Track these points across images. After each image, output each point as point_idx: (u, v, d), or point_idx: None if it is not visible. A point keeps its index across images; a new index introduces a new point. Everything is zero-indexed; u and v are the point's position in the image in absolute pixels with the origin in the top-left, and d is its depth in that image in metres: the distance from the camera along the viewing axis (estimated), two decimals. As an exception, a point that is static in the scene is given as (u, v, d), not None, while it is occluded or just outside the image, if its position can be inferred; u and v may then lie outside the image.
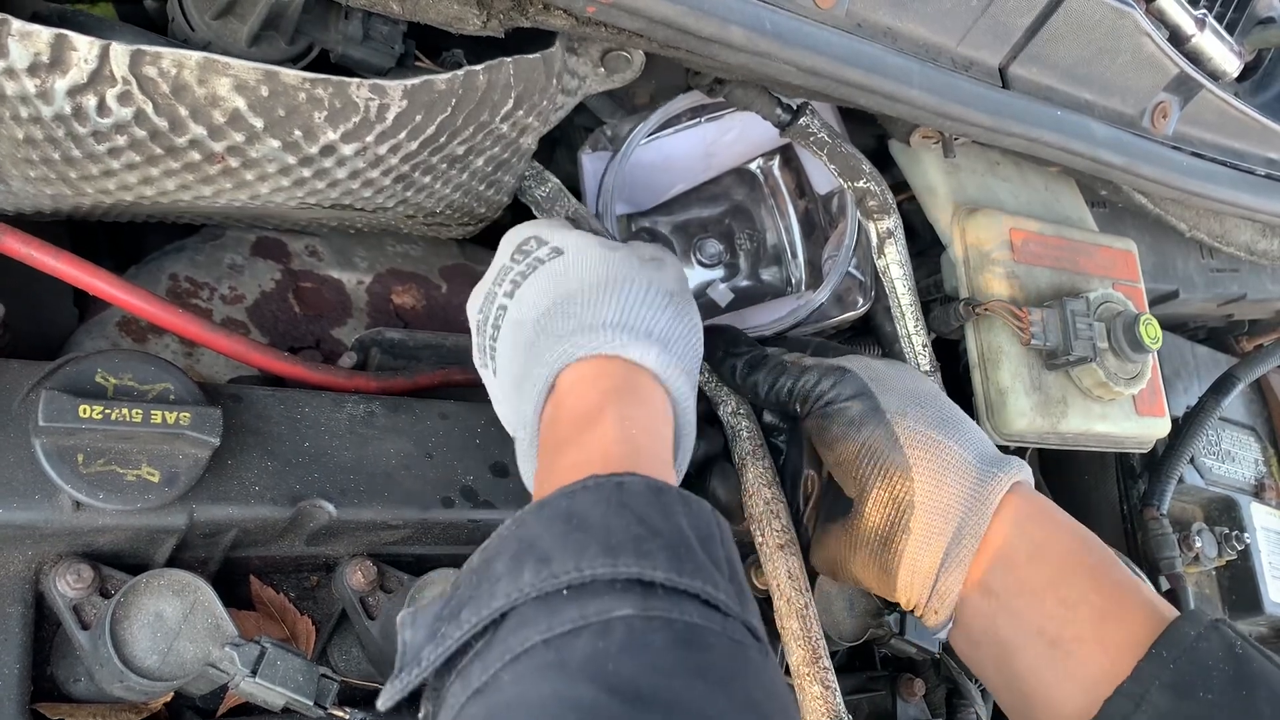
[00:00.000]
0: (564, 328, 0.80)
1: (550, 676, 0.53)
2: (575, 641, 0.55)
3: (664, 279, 0.86)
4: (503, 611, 0.58)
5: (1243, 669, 0.74)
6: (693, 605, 0.58)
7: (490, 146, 0.92)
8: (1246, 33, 1.19)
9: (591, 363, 0.78)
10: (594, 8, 0.77)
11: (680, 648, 0.55)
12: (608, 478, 0.64)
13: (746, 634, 0.60)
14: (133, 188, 0.83)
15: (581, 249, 0.86)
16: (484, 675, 0.56)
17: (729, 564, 0.64)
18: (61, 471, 0.72)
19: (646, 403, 0.77)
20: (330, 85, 0.77)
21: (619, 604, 0.56)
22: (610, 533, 0.60)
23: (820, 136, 1.02)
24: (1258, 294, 1.53)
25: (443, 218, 1.02)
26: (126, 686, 0.75)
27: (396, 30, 0.87)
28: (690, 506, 0.65)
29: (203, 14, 0.80)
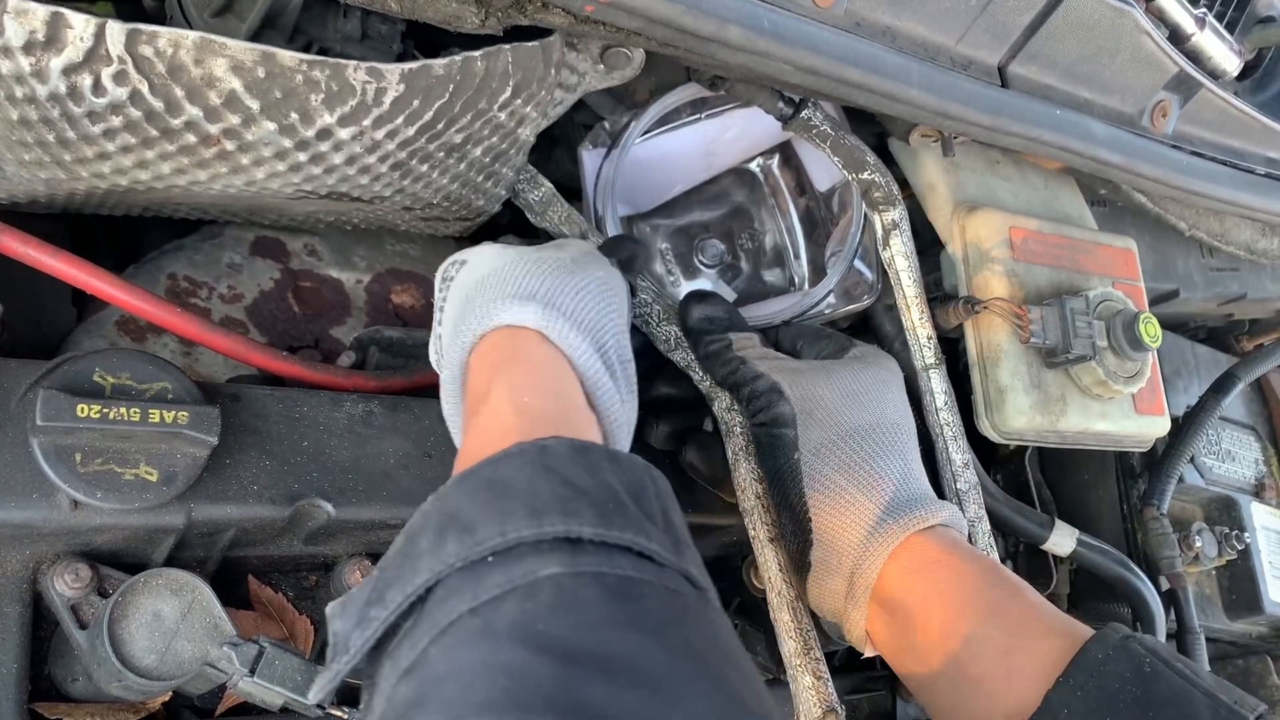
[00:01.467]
0: (464, 323, 0.81)
1: (478, 644, 0.52)
2: (502, 606, 0.53)
3: (557, 256, 0.86)
4: (428, 586, 0.57)
5: (1150, 688, 0.75)
6: (624, 558, 0.57)
7: (488, 136, 0.92)
8: (1246, 32, 1.19)
9: (484, 344, 0.79)
10: (592, 6, 0.77)
11: (611, 600, 0.54)
12: (532, 443, 0.62)
13: (684, 583, 0.59)
14: (127, 171, 0.82)
15: (480, 253, 0.89)
16: (412, 653, 0.54)
17: (664, 516, 0.62)
18: (59, 470, 0.72)
19: (535, 366, 0.76)
20: (327, 67, 0.77)
21: (545, 564, 0.55)
22: (535, 495, 0.58)
23: (823, 129, 1.02)
24: (1258, 293, 1.53)
25: (440, 210, 1.02)
26: (124, 686, 0.75)
27: (395, 29, 0.87)
28: (619, 463, 0.63)
29: (201, 12, 0.80)
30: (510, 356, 0.77)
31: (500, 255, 0.87)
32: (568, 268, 0.85)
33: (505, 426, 0.70)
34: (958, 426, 1.08)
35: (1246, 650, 1.56)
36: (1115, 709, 0.74)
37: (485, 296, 0.81)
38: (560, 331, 0.78)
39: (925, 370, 1.07)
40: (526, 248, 0.90)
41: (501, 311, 0.78)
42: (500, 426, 0.70)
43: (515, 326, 0.78)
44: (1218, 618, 1.43)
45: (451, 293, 0.89)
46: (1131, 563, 1.27)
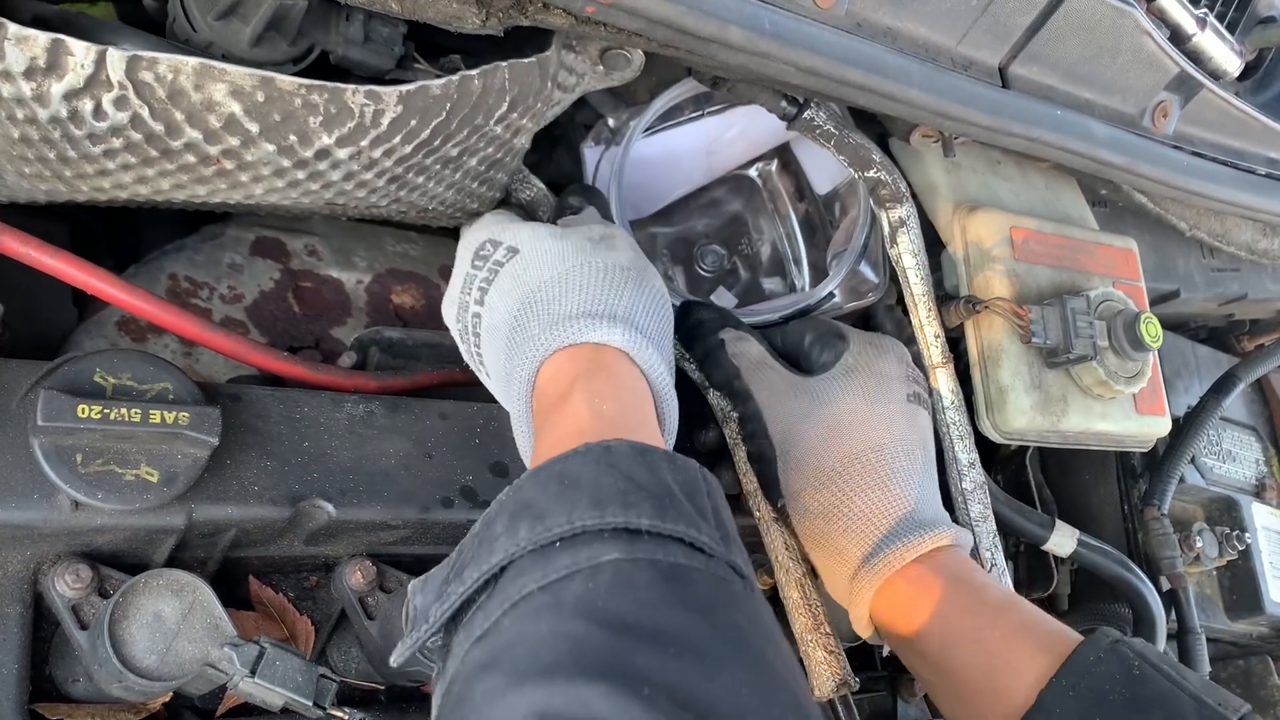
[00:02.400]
0: (534, 327, 0.83)
1: (546, 616, 0.57)
2: (568, 585, 0.59)
3: (617, 257, 0.88)
4: (502, 565, 0.62)
5: (1139, 691, 0.78)
6: (676, 547, 0.62)
7: (484, 147, 0.93)
8: (1247, 32, 1.19)
9: (562, 354, 0.81)
10: (593, 7, 0.77)
11: (664, 583, 0.59)
12: (597, 443, 0.68)
13: (730, 572, 0.63)
14: (127, 186, 0.83)
15: (534, 244, 0.88)
16: (486, 623, 0.60)
17: (715, 513, 0.67)
18: (60, 471, 0.72)
19: (615, 378, 0.79)
20: (326, 91, 0.78)
21: (607, 550, 0.60)
22: (599, 489, 0.64)
23: (827, 128, 1.01)
24: (1259, 293, 1.53)
25: (434, 213, 1.02)
26: (125, 686, 0.75)
27: (396, 33, 0.87)
28: (676, 464, 0.68)
29: (205, 15, 0.80)
30: (591, 369, 0.79)
31: (559, 255, 0.87)
32: (635, 279, 0.86)
33: (581, 429, 0.74)
34: (964, 426, 1.08)
35: (1247, 650, 1.56)
36: (1105, 709, 0.78)
37: (562, 308, 0.83)
38: (645, 355, 0.81)
39: (932, 369, 1.07)
40: (576, 234, 0.90)
41: (588, 330, 0.80)
42: (576, 429, 0.74)
43: (599, 344, 0.81)
44: (1218, 618, 1.43)
45: (503, 283, 0.88)
46: (1132, 563, 1.27)
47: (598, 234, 0.91)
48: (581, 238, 0.89)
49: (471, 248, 0.92)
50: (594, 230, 0.92)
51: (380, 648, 0.86)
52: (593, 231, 0.91)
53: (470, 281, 0.90)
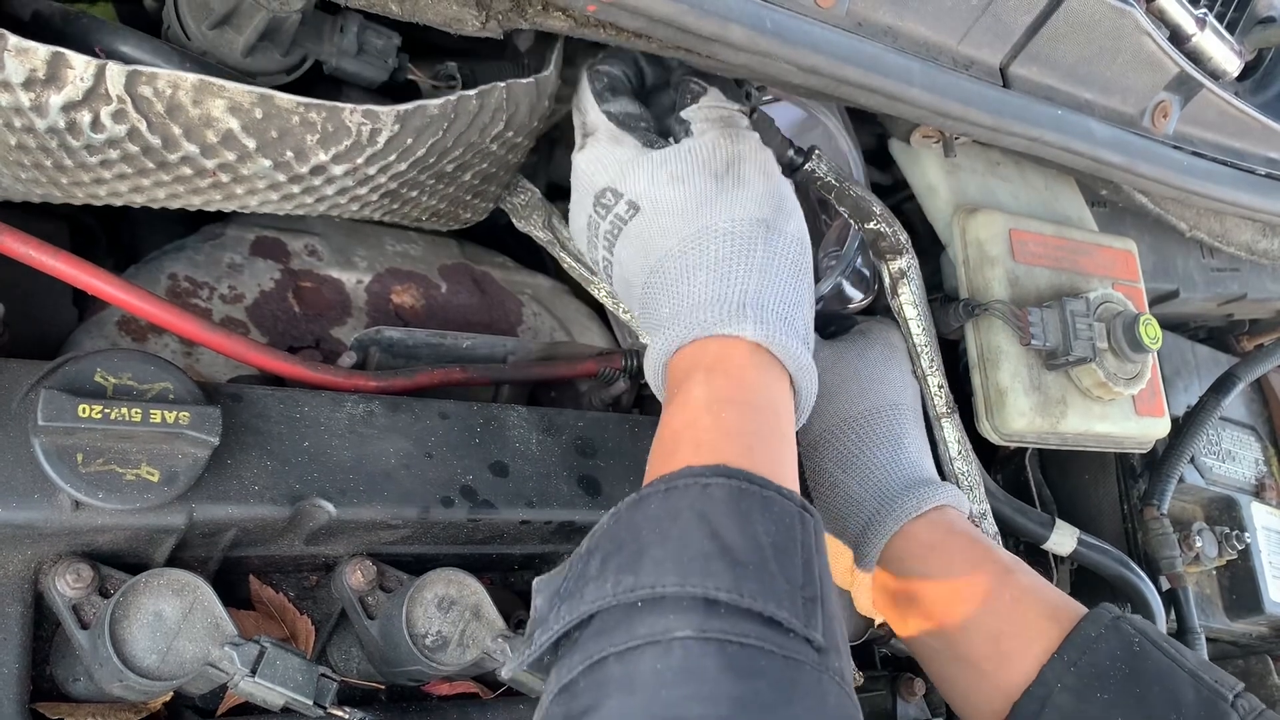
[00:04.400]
0: (665, 308, 0.82)
1: (615, 694, 0.60)
2: (642, 659, 0.61)
3: (746, 203, 0.83)
4: (589, 615, 0.64)
5: (1139, 666, 0.80)
6: (751, 624, 0.62)
7: (479, 163, 0.93)
8: (1247, 32, 1.19)
9: (690, 348, 0.79)
10: (594, 7, 0.77)
11: (728, 675, 0.59)
12: (696, 477, 0.68)
13: (807, 649, 0.63)
14: (122, 194, 0.83)
15: (655, 201, 0.85)
16: (569, 674, 0.63)
17: (804, 567, 0.66)
18: (61, 471, 0.72)
19: (740, 379, 0.78)
20: (324, 110, 0.78)
21: (681, 623, 0.61)
22: (685, 547, 0.64)
23: (828, 180, 1.02)
24: (1258, 293, 1.53)
25: (428, 222, 1.03)
26: (126, 686, 0.75)
27: (390, 44, 0.87)
28: (771, 512, 0.67)
29: (199, 23, 0.80)
30: (715, 365, 0.78)
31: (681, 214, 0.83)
32: (764, 236, 0.82)
33: (697, 440, 0.74)
34: (974, 476, 1.09)
35: (1247, 650, 1.57)
36: (1106, 684, 0.79)
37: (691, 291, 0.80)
38: (778, 343, 0.79)
39: (938, 419, 1.07)
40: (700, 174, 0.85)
41: (716, 324, 0.78)
42: (693, 439, 0.74)
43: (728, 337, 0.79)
44: (1218, 617, 1.43)
45: (630, 243, 0.86)
46: (1132, 562, 1.27)
47: (723, 162, 0.86)
48: (704, 175, 0.85)
49: (591, 191, 0.89)
50: (719, 156, 0.86)
51: (380, 647, 0.86)
52: (717, 159, 0.86)
53: (595, 226, 0.89)
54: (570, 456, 0.95)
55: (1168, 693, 0.78)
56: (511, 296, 1.18)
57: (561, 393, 1.11)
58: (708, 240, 0.82)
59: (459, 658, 0.85)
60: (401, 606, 0.83)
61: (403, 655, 0.84)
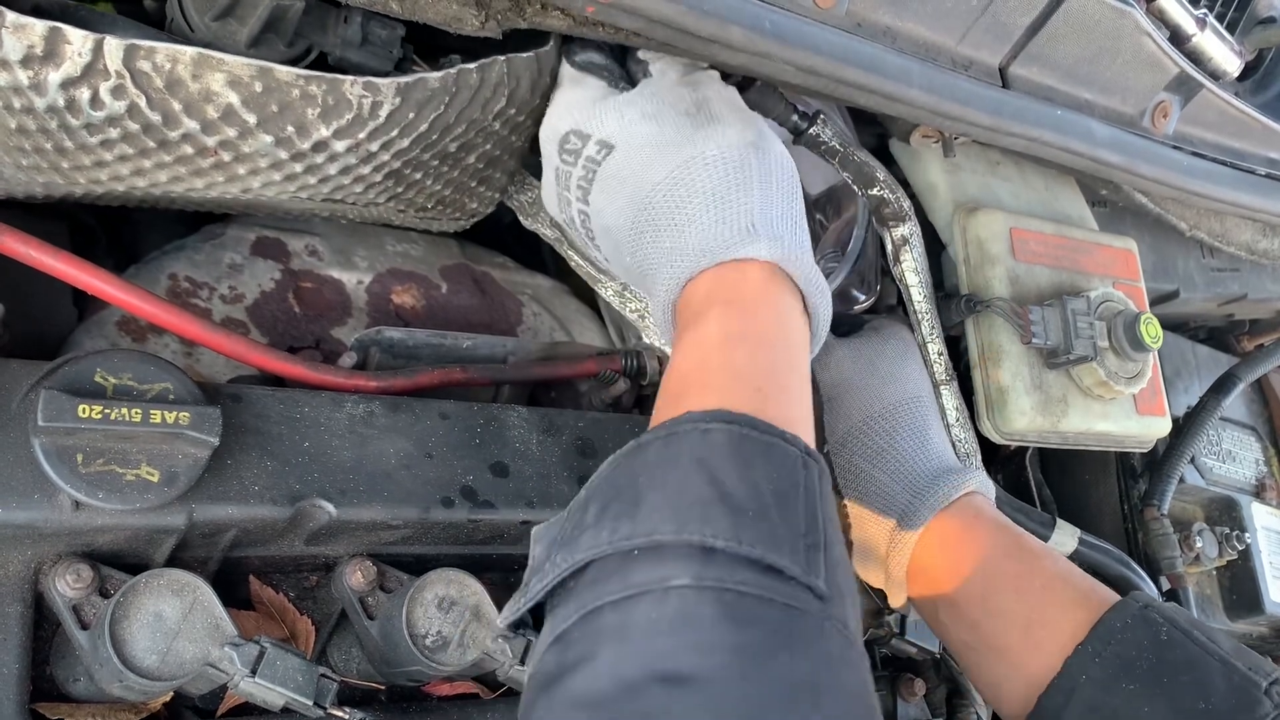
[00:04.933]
0: (665, 242, 0.79)
1: (609, 643, 0.59)
2: (637, 607, 0.59)
3: (726, 135, 0.81)
4: (584, 563, 0.63)
5: (1166, 656, 0.78)
6: (749, 572, 0.60)
7: (483, 144, 0.92)
8: (1247, 32, 1.19)
9: (699, 280, 0.77)
10: (593, 7, 0.77)
11: (725, 623, 0.58)
12: (696, 423, 0.66)
13: (809, 597, 0.61)
14: (124, 178, 0.83)
15: (628, 136, 0.82)
16: (564, 624, 0.61)
17: (807, 516, 0.64)
18: (61, 471, 0.72)
19: (757, 307, 0.76)
20: (324, 82, 0.77)
21: (677, 570, 0.59)
22: (682, 494, 0.63)
23: (832, 145, 1.01)
24: (1258, 293, 1.53)
25: (434, 212, 1.02)
26: (126, 686, 0.75)
27: (394, 35, 0.87)
28: (772, 458, 0.66)
29: (202, 15, 0.80)
30: (731, 296, 0.75)
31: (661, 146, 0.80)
32: (756, 159, 0.80)
33: (705, 382, 0.72)
34: (971, 444, 1.09)
35: (1247, 650, 1.56)
36: (1132, 675, 0.78)
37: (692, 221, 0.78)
38: (795, 261, 0.77)
39: (937, 387, 1.07)
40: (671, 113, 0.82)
41: (730, 248, 0.75)
42: (700, 381, 0.72)
43: (743, 260, 0.76)
44: (1218, 618, 1.43)
45: (606, 184, 0.83)
46: (1133, 562, 1.27)
47: (690, 100, 0.84)
48: (677, 112, 0.83)
49: (554, 138, 0.87)
50: (684, 96, 0.84)
51: (380, 647, 0.86)
52: (682, 97, 0.84)
53: (565, 178, 0.86)
54: (570, 457, 0.95)
55: (1197, 682, 0.77)
56: (511, 297, 1.18)
57: (561, 393, 1.11)
58: (697, 167, 0.79)
59: (459, 658, 0.85)
60: (401, 607, 0.83)
61: (403, 655, 0.84)
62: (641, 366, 1.06)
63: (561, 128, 0.86)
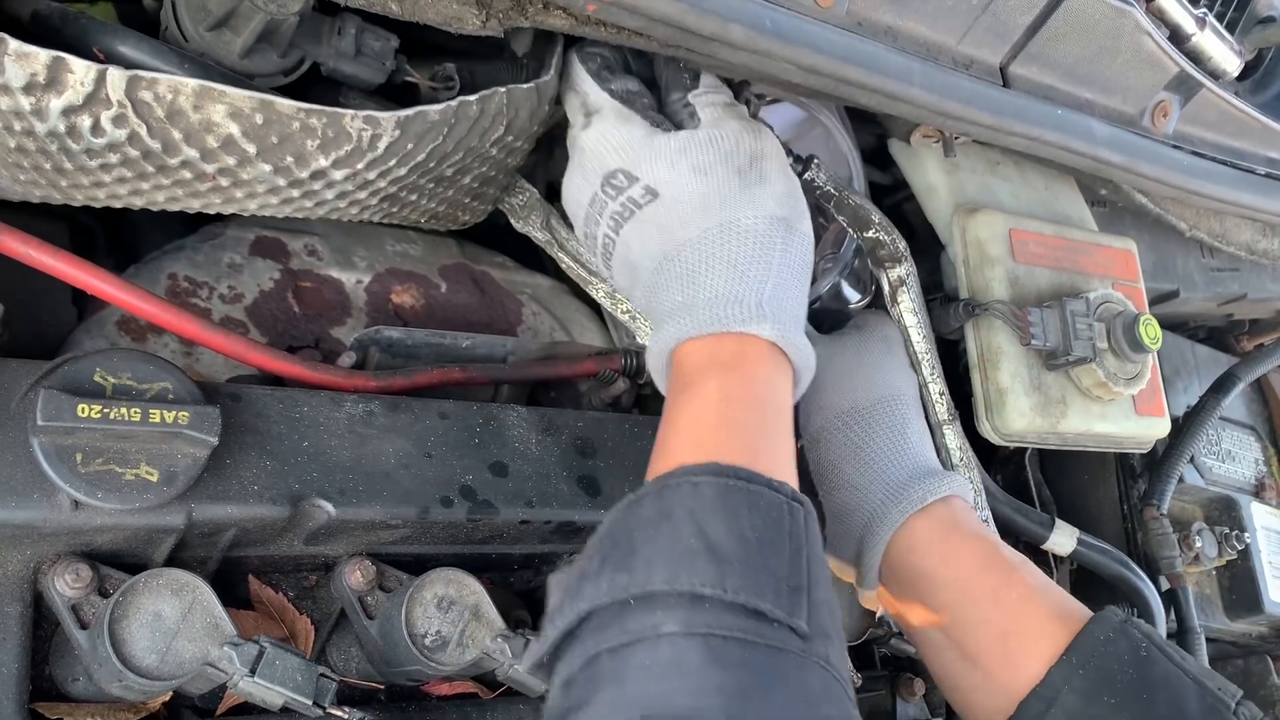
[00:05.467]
0: (677, 296, 0.82)
1: (607, 691, 0.62)
2: (630, 655, 0.63)
3: (768, 201, 0.83)
4: (586, 613, 0.66)
5: (1146, 672, 0.80)
6: (735, 617, 0.64)
7: (479, 167, 0.93)
8: (1247, 32, 1.18)
9: (703, 341, 0.80)
10: (594, 6, 0.77)
11: (713, 666, 0.61)
12: (688, 477, 0.70)
13: (791, 637, 0.65)
14: (121, 196, 0.83)
15: (674, 189, 0.83)
16: (569, 670, 0.65)
17: (791, 562, 0.68)
18: (60, 471, 0.72)
19: (751, 377, 0.79)
20: (324, 115, 0.78)
21: (668, 619, 0.63)
22: (674, 545, 0.67)
23: (827, 189, 1.02)
24: (1258, 293, 1.53)
25: (426, 224, 1.03)
26: (125, 686, 0.75)
27: (388, 46, 0.87)
28: (758, 508, 0.69)
29: (197, 25, 0.80)
30: (731, 363, 0.79)
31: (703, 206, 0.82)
32: (783, 237, 0.83)
33: (700, 438, 0.76)
34: (976, 482, 1.09)
35: (1247, 650, 1.57)
36: (1113, 688, 0.79)
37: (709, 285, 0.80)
38: (791, 344, 0.80)
39: (939, 426, 1.07)
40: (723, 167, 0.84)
41: (735, 322, 0.79)
42: (695, 437, 0.76)
43: (746, 335, 0.80)
44: (1218, 618, 1.43)
45: (642, 228, 0.84)
46: (1132, 562, 1.27)
47: (746, 156, 0.85)
48: (728, 169, 0.84)
49: (599, 172, 0.87)
50: (743, 151, 0.85)
51: (380, 647, 0.86)
52: (741, 154, 0.85)
53: (600, 205, 0.87)
54: (570, 456, 0.95)
55: (1173, 700, 0.79)
56: (511, 296, 1.18)
57: (561, 393, 1.11)
58: (730, 235, 0.81)
59: (458, 658, 0.85)
60: (401, 606, 0.83)
61: (402, 655, 0.84)
62: (640, 366, 1.05)
63: (611, 165, 0.86)
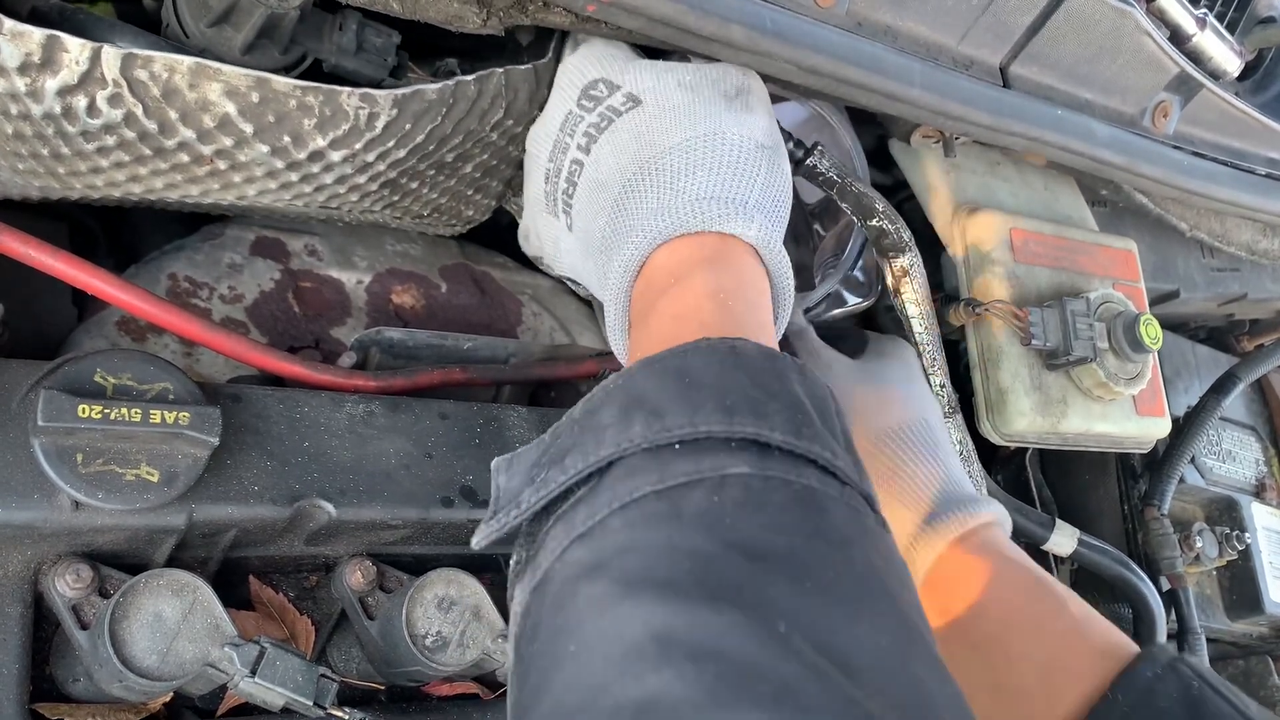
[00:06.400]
0: (653, 201, 0.76)
1: (664, 525, 0.51)
2: (690, 494, 0.52)
3: (753, 128, 0.80)
4: (610, 460, 0.55)
5: (1199, 713, 0.74)
6: (811, 470, 0.56)
7: (480, 154, 0.92)
8: (1247, 32, 1.19)
9: (686, 239, 0.73)
10: (594, 6, 0.77)
11: (799, 507, 0.53)
12: (720, 340, 0.60)
13: (864, 503, 0.58)
14: (120, 184, 0.83)
15: (660, 96, 0.80)
16: (590, 520, 0.54)
17: (844, 435, 0.61)
18: (60, 471, 0.72)
19: (741, 274, 0.73)
20: (320, 93, 0.78)
21: (734, 462, 0.54)
22: (725, 392, 0.56)
23: (830, 176, 1.01)
24: (1258, 293, 1.53)
25: (430, 220, 1.02)
26: (125, 686, 0.75)
27: (389, 42, 0.87)
28: (805, 376, 0.61)
29: (198, 21, 0.80)
30: (716, 259, 0.72)
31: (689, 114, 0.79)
32: (769, 162, 0.79)
33: (702, 321, 0.67)
34: (976, 476, 1.09)
35: (1247, 651, 1.57)
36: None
37: (691, 185, 0.75)
38: (773, 253, 0.75)
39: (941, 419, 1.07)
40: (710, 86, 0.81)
41: (723, 219, 0.73)
42: (697, 320, 0.67)
43: (729, 235, 0.73)
44: (1218, 618, 1.43)
45: (618, 136, 0.80)
46: (1132, 563, 1.27)
47: (733, 86, 0.83)
48: (714, 91, 0.81)
49: (578, 83, 0.84)
50: (729, 80, 0.83)
51: (381, 648, 0.86)
52: (728, 82, 0.82)
53: (574, 122, 0.83)
54: (570, 457, 0.95)
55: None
56: (511, 296, 1.18)
57: (562, 393, 1.11)
58: (716, 144, 0.78)
59: (459, 658, 0.85)
60: (401, 607, 0.83)
61: (402, 655, 0.84)
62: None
63: (590, 74, 0.83)
